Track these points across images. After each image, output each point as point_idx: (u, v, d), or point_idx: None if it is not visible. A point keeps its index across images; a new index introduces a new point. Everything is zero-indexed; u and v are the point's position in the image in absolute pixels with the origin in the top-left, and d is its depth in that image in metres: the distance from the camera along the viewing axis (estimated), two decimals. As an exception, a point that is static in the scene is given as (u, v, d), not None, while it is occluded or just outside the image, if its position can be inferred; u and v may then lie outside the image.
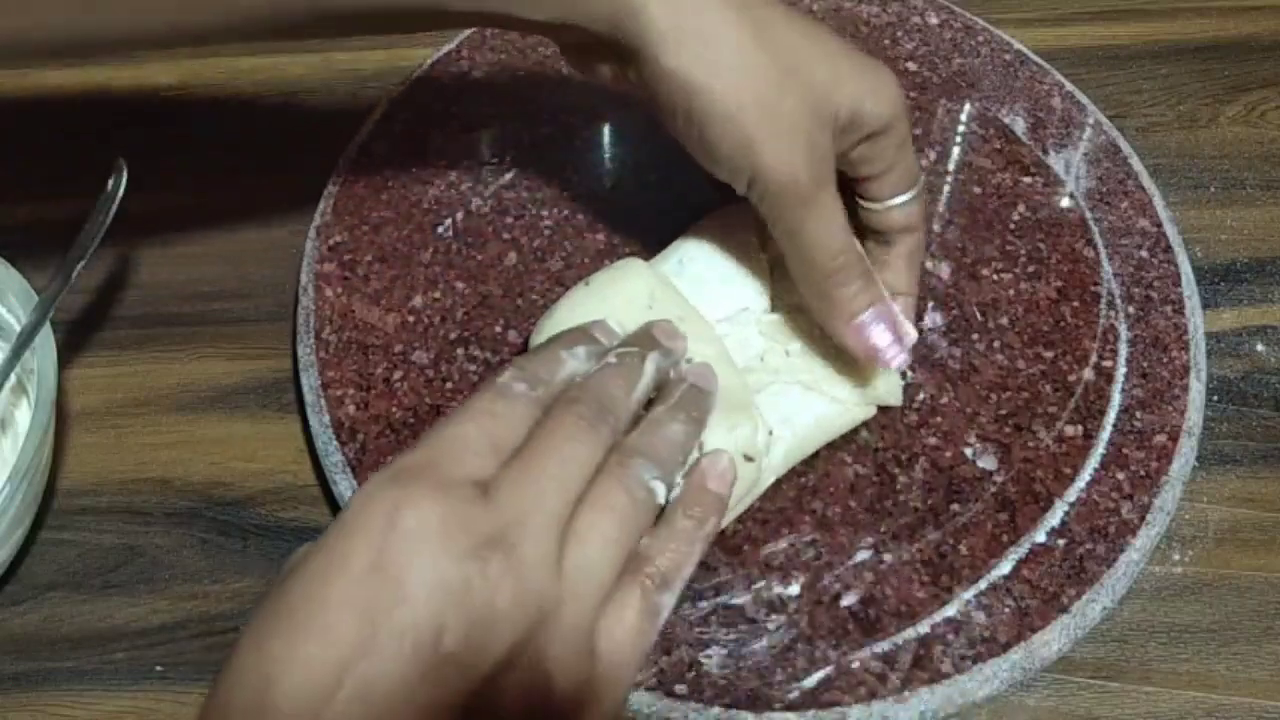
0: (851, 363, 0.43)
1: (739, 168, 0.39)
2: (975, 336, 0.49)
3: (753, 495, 0.42)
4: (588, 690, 0.31)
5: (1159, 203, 0.53)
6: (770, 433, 0.41)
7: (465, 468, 0.31)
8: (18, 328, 0.45)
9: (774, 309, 0.45)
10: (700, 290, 0.44)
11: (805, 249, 0.40)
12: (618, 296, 0.43)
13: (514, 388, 0.34)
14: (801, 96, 0.38)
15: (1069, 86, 0.57)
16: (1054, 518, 0.44)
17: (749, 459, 0.40)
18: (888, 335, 0.41)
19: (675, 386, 0.38)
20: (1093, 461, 0.45)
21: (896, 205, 0.42)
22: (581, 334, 0.38)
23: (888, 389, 0.44)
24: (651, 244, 0.48)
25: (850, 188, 0.42)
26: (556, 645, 0.30)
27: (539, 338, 0.44)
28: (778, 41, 0.38)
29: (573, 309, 0.44)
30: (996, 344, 0.48)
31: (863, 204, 0.43)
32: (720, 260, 0.45)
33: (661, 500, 0.35)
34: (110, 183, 0.46)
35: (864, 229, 0.43)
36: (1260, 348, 0.51)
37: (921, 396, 0.47)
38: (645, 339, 0.38)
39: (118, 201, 0.46)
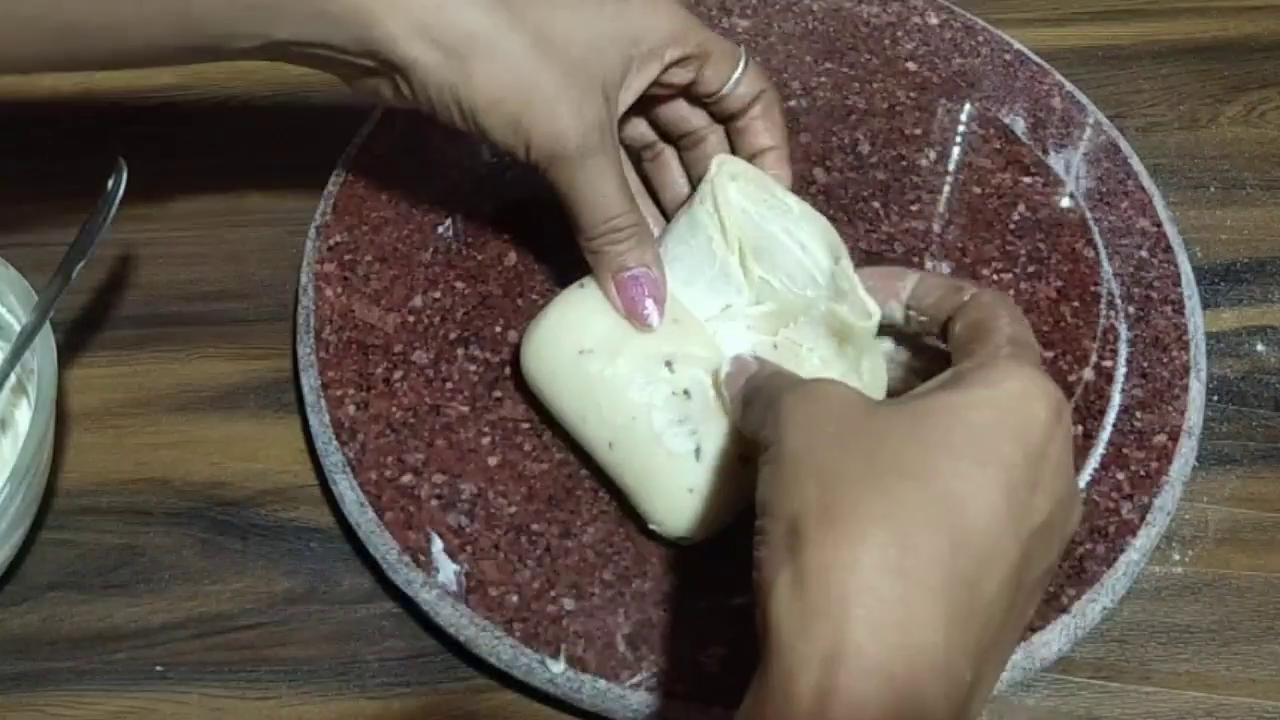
0: (837, 347, 0.43)
1: (513, 143, 0.41)
2: (975, 336, 0.48)
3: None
4: None
5: (1159, 203, 0.53)
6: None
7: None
8: (18, 328, 0.44)
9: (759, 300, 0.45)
10: (685, 291, 0.44)
11: (577, 207, 0.42)
12: None
13: None
14: (561, 70, 0.40)
15: (1069, 86, 0.57)
16: (1054, 518, 0.44)
17: (745, 459, 0.40)
18: (647, 296, 0.43)
19: None
20: (1093, 461, 0.45)
21: (733, 85, 0.45)
22: None
23: (873, 379, 0.44)
24: (651, 244, 0.48)
25: (692, 99, 0.46)
26: None
27: (532, 338, 0.44)
28: (529, 19, 0.40)
29: (566, 311, 0.44)
30: (996, 344, 0.48)
31: (708, 103, 0.45)
32: (698, 260, 0.44)
33: None
34: (110, 183, 0.46)
35: (722, 120, 0.46)
36: (1260, 348, 0.51)
37: (921, 396, 0.47)
38: None
39: (118, 201, 0.46)
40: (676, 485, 0.41)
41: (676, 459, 0.41)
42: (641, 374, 0.42)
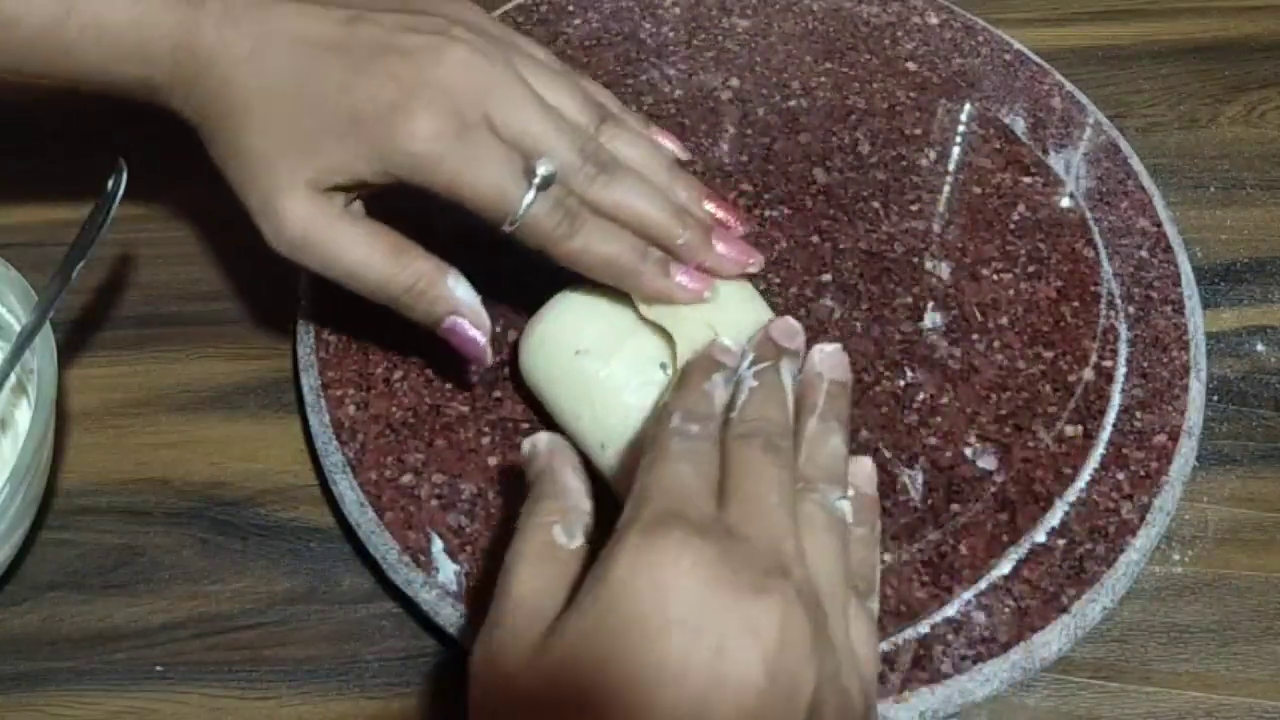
0: None
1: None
2: (975, 336, 0.49)
3: None
4: (866, 700, 0.32)
5: (1159, 203, 0.53)
6: None
7: (701, 509, 0.32)
8: (17, 327, 0.44)
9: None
10: None
11: (357, 287, 0.42)
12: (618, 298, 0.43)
13: (690, 429, 0.35)
14: (255, 188, 0.41)
15: (1069, 86, 0.57)
16: (1054, 518, 0.44)
17: None
18: (474, 334, 0.42)
19: (815, 387, 0.38)
20: (1093, 461, 0.45)
21: (511, 222, 0.41)
22: (711, 362, 0.38)
23: None
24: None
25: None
26: (838, 661, 0.31)
27: (529, 338, 0.44)
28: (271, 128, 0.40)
29: (563, 312, 0.44)
30: (996, 344, 0.48)
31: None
32: None
33: (851, 519, 0.36)
34: (110, 183, 0.46)
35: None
36: (1260, 348, 0.51)
37: (921, 396, 0.47)
38: (770, 348, 0.38)
39: (118, 202, 0.46)
40: None
41: None
42: (636, 376, 0.42)
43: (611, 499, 0.44)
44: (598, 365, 0.42)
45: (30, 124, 0.59)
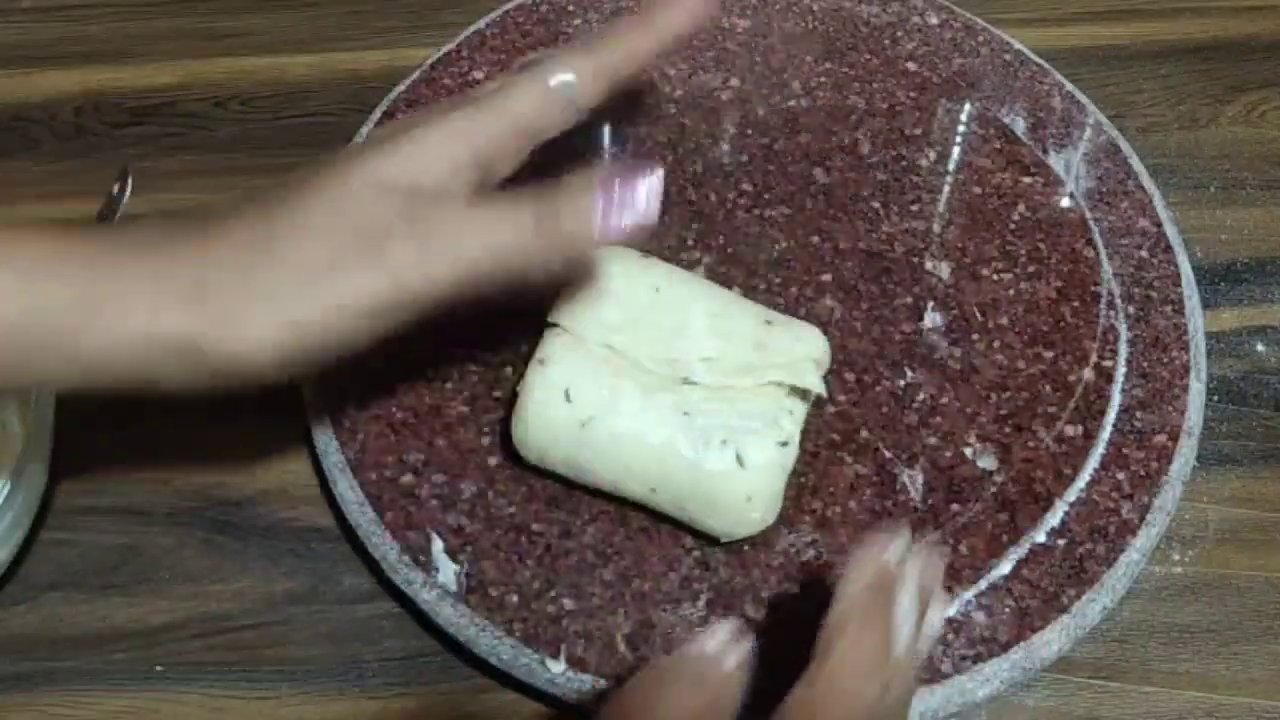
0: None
1: None
2: (975, 336, 0.49)
3: None
4: None
5: (1159, 203, 0.53)
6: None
7: None
8: (18, 328, 0.44)
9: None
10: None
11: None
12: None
13: None
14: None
15: (1069, 86, 0.57)
16: (1054, 518, 0.44)
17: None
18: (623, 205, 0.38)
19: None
20: (1093, 461, 0.45)
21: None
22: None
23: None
24: (647, 243, 0.48)
25: None
26: None
27: (528, 434, 0.43)
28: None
29: (545, 394, 0.42)
30: (996, 344, 0.48)
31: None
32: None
33: None
34: (115, 188, 0.46)
35: None
36: (1260, 348, 0.51)
37: (921, 396, 0.47)
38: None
39: (122, 208, 0.46)
40: (735, 496, 0.41)
41: (723, 473, 0.40)
42: (649, 415, 0.41)
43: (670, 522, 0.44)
44: (609, 425, 0.41)
45: (31, 123, 0.59)
